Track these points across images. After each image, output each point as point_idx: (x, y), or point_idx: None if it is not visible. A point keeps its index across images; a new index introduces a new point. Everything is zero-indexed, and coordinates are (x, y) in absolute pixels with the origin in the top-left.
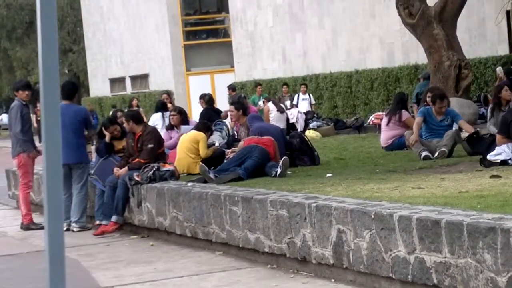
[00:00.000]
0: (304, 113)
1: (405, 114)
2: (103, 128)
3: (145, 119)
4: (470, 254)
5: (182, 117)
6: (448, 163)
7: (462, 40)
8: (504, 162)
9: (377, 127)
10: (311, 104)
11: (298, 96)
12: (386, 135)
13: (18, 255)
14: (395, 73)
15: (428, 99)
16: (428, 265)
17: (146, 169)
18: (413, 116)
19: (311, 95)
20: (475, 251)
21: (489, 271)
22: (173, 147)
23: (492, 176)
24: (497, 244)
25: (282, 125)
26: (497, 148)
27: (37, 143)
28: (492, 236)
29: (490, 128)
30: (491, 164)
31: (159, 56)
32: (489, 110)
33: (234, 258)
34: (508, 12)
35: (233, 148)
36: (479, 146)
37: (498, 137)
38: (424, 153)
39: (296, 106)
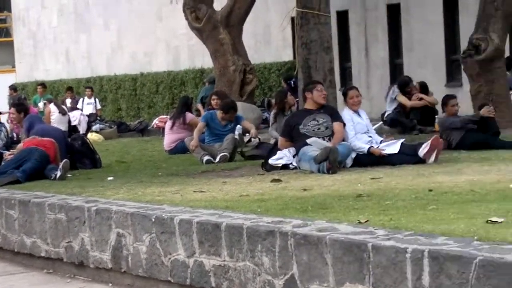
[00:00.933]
0: (87, 115)
1: (189, 116)
2: None
3: None
4: (248, 257)
5: None
6: (231, 167)
7: (247, 45)
8: (285, 166)
9: (161, 131)
10: (96, 109)
11: (83, 100)
12: (169, 138)
13: None
14: (180, 76)
15: (213, 102)
16: (207, 269)
17: None
18: (197, 115)
19: (97, 99)
20: (253, 254)
21: (266, 274)
22: None
23: (273, 180)
24: (275, 247)
25: (63, 127)
26: (278, 152)
27: None
28: (271, 239)
29: (272, 133)
30: (273, 168)
31: None
32: (272, 115)
33: (8, 263)
34: (292, 19)
35: (11, 150)
36: (261, 150)
37: (280, 140)
38: (205, 158)
39: (81, 110)
